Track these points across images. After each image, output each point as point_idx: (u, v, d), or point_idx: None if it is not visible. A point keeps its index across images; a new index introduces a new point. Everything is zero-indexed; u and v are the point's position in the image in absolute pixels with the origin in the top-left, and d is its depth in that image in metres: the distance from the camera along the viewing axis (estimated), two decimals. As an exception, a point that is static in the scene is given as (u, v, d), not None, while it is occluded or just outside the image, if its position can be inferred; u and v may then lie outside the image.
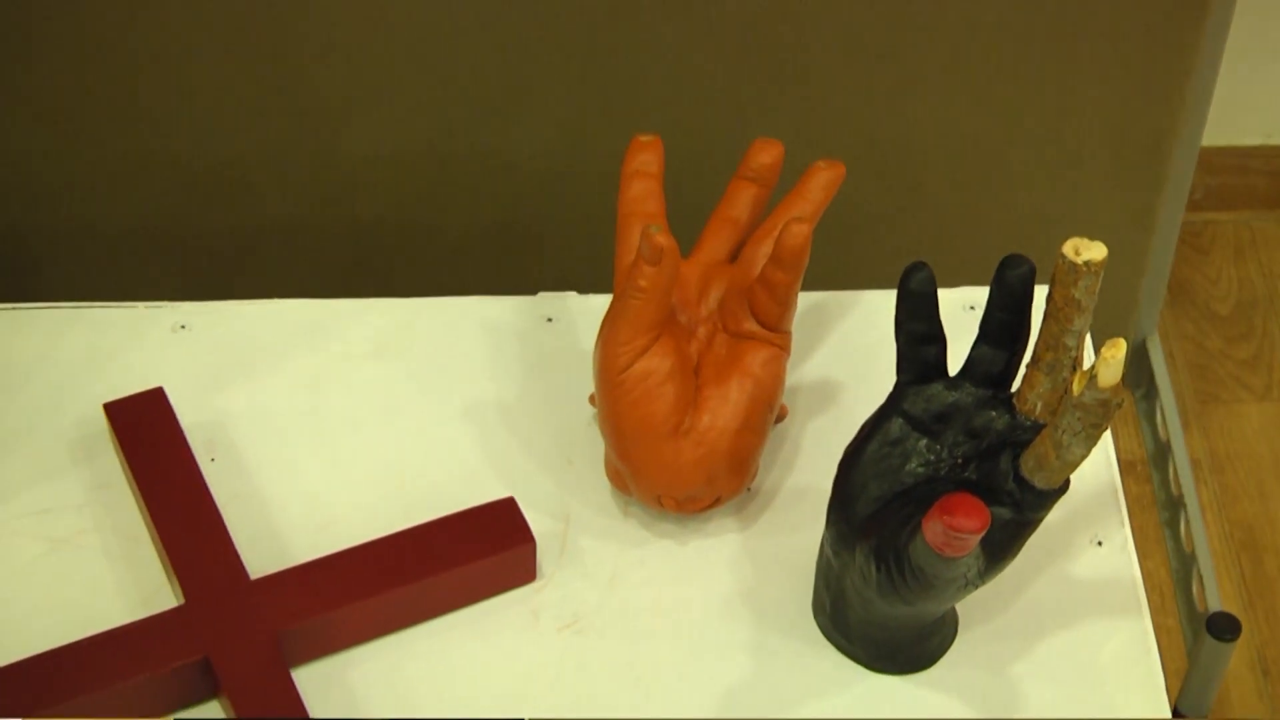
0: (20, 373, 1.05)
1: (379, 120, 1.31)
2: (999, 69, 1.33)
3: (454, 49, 1.28)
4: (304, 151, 1.32)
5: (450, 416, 1.05)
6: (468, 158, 1.33)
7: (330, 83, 1.29)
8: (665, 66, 1.29)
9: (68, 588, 0.97)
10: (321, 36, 1.26)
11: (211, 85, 1.28)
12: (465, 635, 0.96)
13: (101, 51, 1.26)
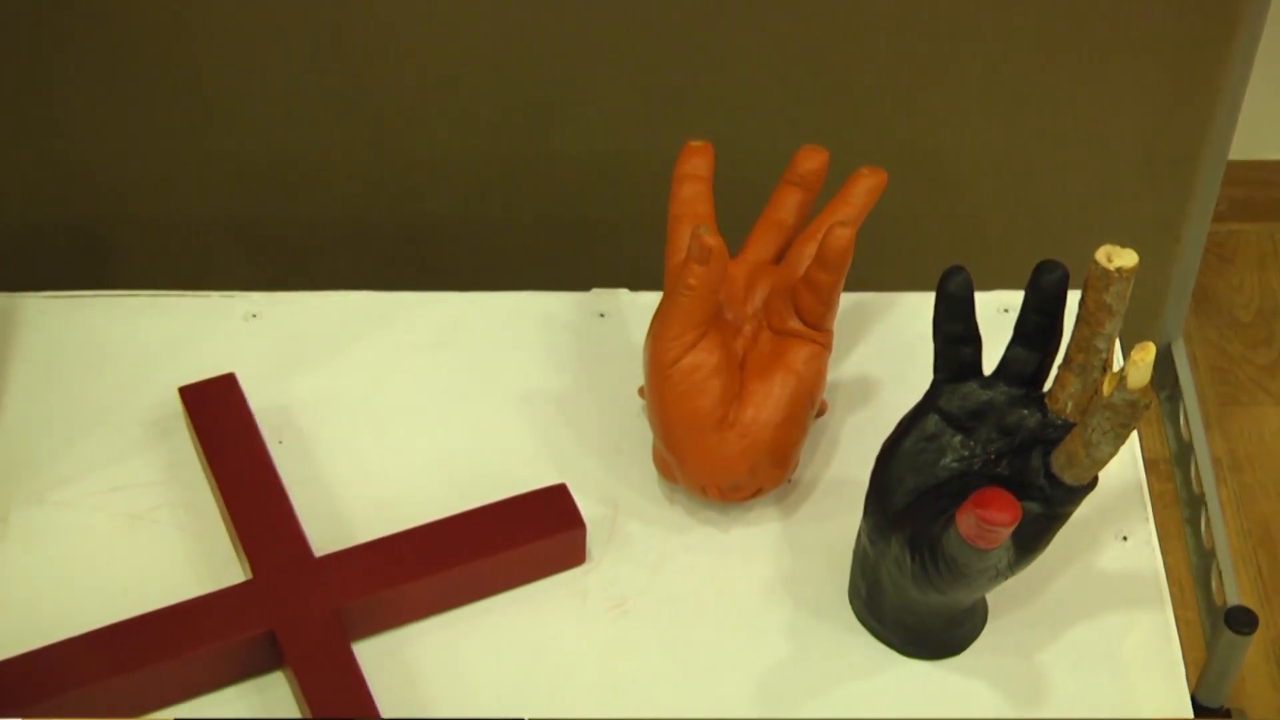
0: (101, 357, 1.06)
1: (441, 121, 1.31)
2: (1035, 84, 1.32)
3: (514, 55, 1.28)
4: (369, 150, 1.33)
5: (506, 405, 1.05)
6: (526, 159, 1.34)
7: (396, 85, 1.29)
8: (717, 76, 1.29)
9: (142, 561, 0.97)
10: (387, 42, 1.27)
11: (282, 87, 1.29)
12: (517, 614, 0.96)
13: (180, 55, 1.26)
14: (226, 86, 1.28)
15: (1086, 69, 1.32)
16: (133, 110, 1.29)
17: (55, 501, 0.99)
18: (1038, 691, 0.93)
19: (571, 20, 1.26)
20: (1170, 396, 1.66)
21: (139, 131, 1.30)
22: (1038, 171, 1.38)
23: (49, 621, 0.94)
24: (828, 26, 1.28)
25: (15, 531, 0.98)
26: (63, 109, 1.29)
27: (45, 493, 1.00)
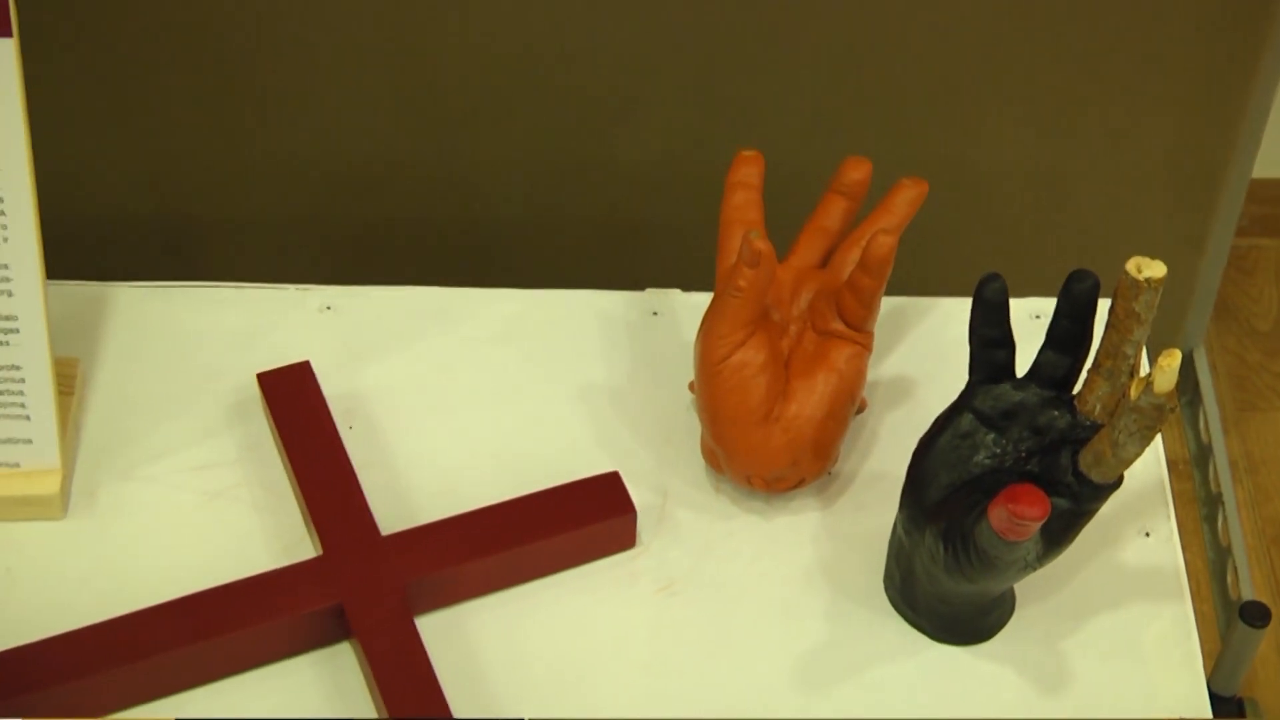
0: (186, 344, 1.06)
1: (506, 127, 1.31)
2: (1069, 103, 1.32)
3: (575, 66, 1.28)
4: (439, 154, 1.33)
5: (563, 397, 1.05)
6: (586, 164, 1.34)
7: (464, 93, 1.29)
8: (769, 90, 1.29)
9: (220, 535, 0.97)
10: (456, 53, 1.27)
11: (358, 92, 1.29)
12: (571, 593, 0.96)
13: (264, 63, 1.27)
14: (307, 92, 1.29)
15: (1118, 90, 1.31)
16: (219, 114, 1.30)
17: (141, 478, 1.00)
18: (1061, 678, 0.93)
19: (631, 35, 1.26)
20: (1190, 401, 1.65)
21: (225, 134, 1.31)
22: (1070, 186, 1.37)
23: (134, 590, 0.94)
24: (874, 46, 1.27)
25: (103, 505, 0.98)
26: (155, 114, 1.30)
27: (132, 469, 1.00)
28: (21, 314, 0.94)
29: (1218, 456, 1.61)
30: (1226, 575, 1.53)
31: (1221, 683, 1.47)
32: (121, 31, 1.25)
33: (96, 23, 1.24)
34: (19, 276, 0.93)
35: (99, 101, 1.29)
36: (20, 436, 0.97)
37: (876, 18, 1.26)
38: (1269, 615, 1.42)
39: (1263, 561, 1.72)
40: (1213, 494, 1.61)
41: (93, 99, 1.28)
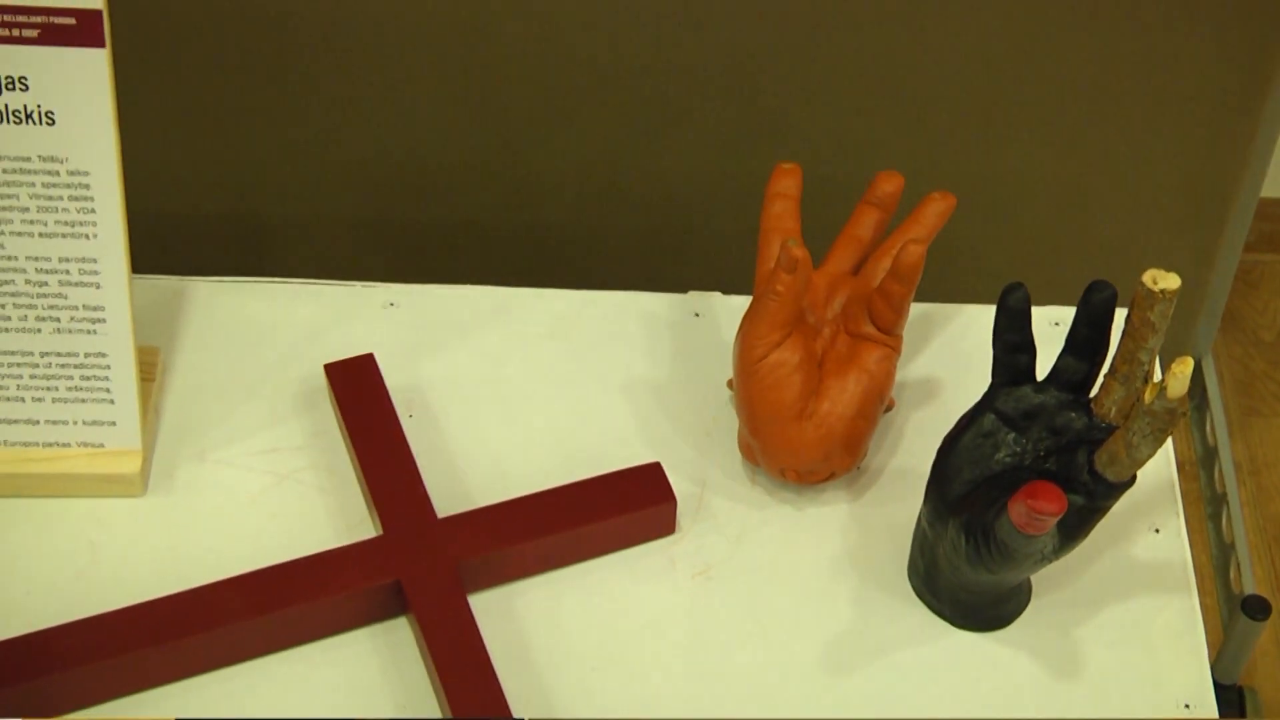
0: (258, 335, 1.06)
1: (562, 137, 1.31)
2: (1089, 124, 1.31)
3: (627, 84, 1.28)
4: (498, 161, 1.33)
5: (610, 392, 1.04)
6: (634, 174, 1.34)
7: (524, 106, 1.29)
8: (807, 107, 1.29)
9: (287, 515, 0.98)
10: (517, 68, 1.27)
11: (424, 103, 1.29)
12: (613, 576, 0.96)
13: (336, 72, 1.27)
14: (375, 101, 1.29)
15: (1135, 113, 1.31)
16: (293, 122, 1.30)
17: (214, 460, 1.00)
18: (1074, 664, 0.93)
19: (678, 56, 1.26)
20: (1198, 406, 1.64)
21: (298, 141, 1.31)
22: (1088, 202, 1.37)
23: (207, 564, 0.95)
24: (906, 68, 1.27)
25: (180, 485, 0.99)
26: (233, 121, 1.30)
27: (206, 452, 1.00)
28: (108, 305, 0.94)
29: (1223, 458, 1.60)
30: (1229, 570, 1.52)
31: (1223, 672, 1.47)
32: (202, 44, 1.25)
33: (180, 37, 1.24)
34: (106, 270, 0.93)
35: (183, 109, 1.29)
36: (105, 419, 0.97)
37: (909, 42, 1.26)
38: (1269, 609, 1.42)
39: (1264, 558, 1.72)
40: (1217, 493, 1.60)
41: (177, 107, 1.29)
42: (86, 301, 0.94)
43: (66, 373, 0.96)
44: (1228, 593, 1.52)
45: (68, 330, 0.95)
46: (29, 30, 0.87)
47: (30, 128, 0.90)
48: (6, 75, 0.88)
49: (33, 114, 0.89)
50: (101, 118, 0.90)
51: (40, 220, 0.92)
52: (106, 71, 0.89)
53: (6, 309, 0.94)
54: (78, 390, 0.96)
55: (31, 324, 0.94)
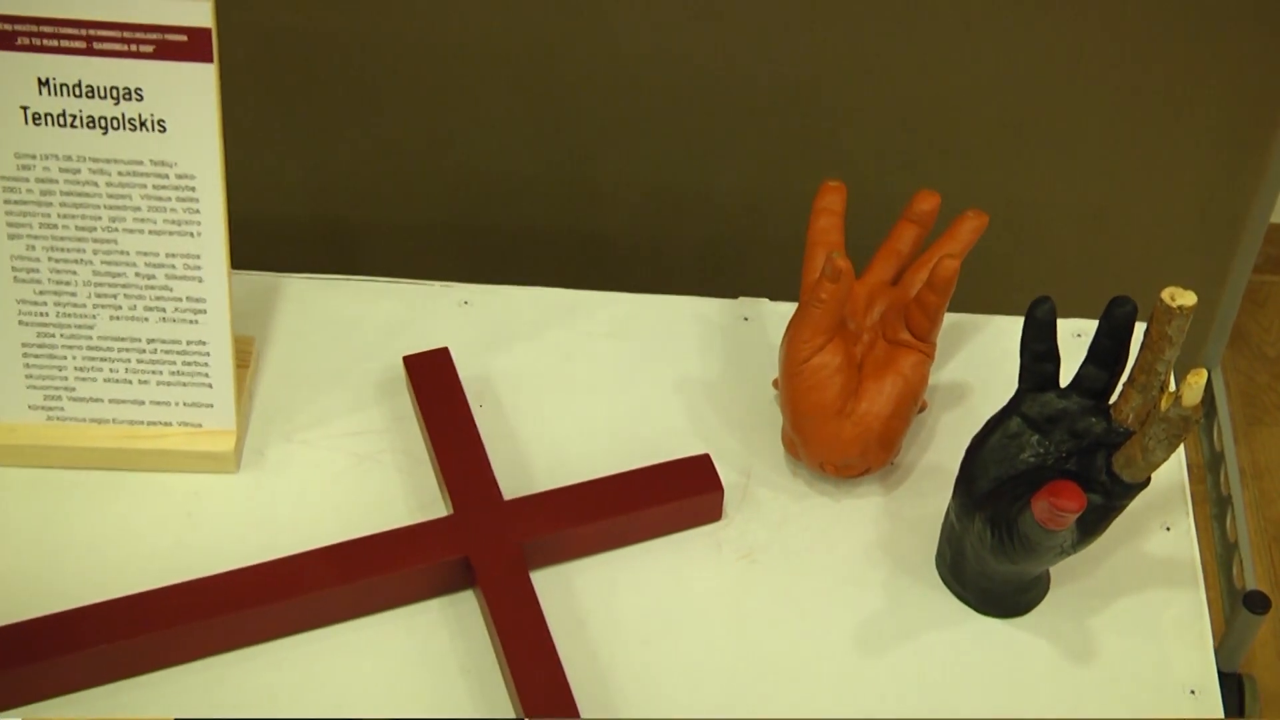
0: (344, 328, 1.06)
1: (625, 154, 1.31)
2: (1112, 153, 1.31)
3: (685, 104, 1.27)
4: (567, 172, 1.33)
5: (664, 388, 1.04)
6: (691, 188, 1.33)
7: (591, 122, 1.29)
8: (851, 129, 1.28)
9: (366, 493, 0.98)
10: (587, 88, 1.27)
11: (498, 118, 1.29)
12: (663, 557, 0.95)
13: (417, 88, 1.27)
14: (455, 114, 1.29)
15: (1155, 144, 1.30)
16: (379, 133, 1.30)
17: (301, 441, 1.00)
18: (1088, 650, 0.92)
19: (734, 81, 1.26)
20: (1206, 414, 1.63)
21: (383, 150, 1.32)
22: (1110, 224, 1.36)
23: (292, 536, 0.95)
24: (944, 97, 1.27)
25: (269, 463, 0.99)
26: (325, 133, 1.31)
27: (294, 434, 1.00)
28: (209, 298, 0.95)
29: (1228, 463, 1.59)
30: (1233, 567, 1.51)
31: (1224, 661, 1.46)
32: (301, 63, 1.26)
33: (281, 55, 1.25)
34: (208, 266, 0.94)
35: (281, 120, 1.30)
36: (203, 401, 0.97)
37: (947, 73, 1.25)
38: (1269, 604, 1.41)
39: (1264, 557, 1.71)
40: (1223, 496, 1.59)
41: (276, 118, 1.29)
42: (190, 294, 0.94)
43: (170, 358, 0.96)
44: (1230, 588, 1.51)
45: (172, 320, 0.95)
46: (145, 46, 0.88)
47: (144, 134, 0.90)
48: (124, 86, 0.89)
49: (146, 122, 0.90)
50: (208, 126, 0.90)
51: (150, 219, 0.92)
52: (213, 84, 0.89)
53: (118, 299, 0.94)
54: (180, 374, 0.97)
55: (140, 313, 0.95)
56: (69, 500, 0.96)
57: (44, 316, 0.95)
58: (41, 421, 0.97)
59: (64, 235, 0.92)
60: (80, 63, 0.88)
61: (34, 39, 0.87)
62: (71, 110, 0.89)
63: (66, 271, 0.93)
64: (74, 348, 0.95)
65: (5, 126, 0.89)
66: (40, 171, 0.91)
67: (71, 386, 0.96)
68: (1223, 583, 1.53)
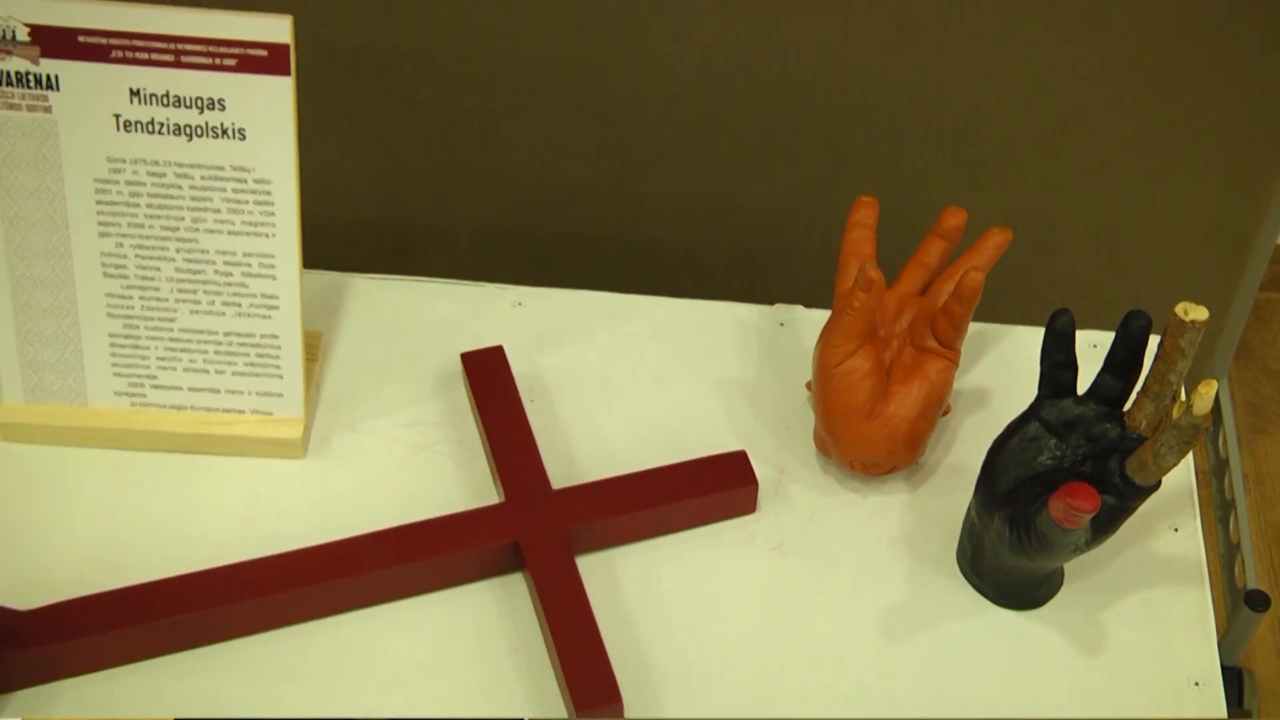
0: (405, 325, 1.07)
1: (671, 167, 1.31)
2: (1128, 174, 1.30)
3: (729, 120, 1.27)
4: (615, 184, 1.33)
5: (704, 388, 1.04)
6: (732, 200, 1.33)
7: (637, 138, 1.29)
8: (884, 148, 1.28)
9: (424, 480, 0.98)
10: (633, 105, 1.27)
11: (552, 131, 1.30)
12: (700, 546, 0.95)
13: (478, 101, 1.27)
14: (512, 128, 1.29)
15: (1169, 166, 1.29)
16: (442, 143, 1.31)
17: (364, 430, 1.00)
18: (1098, 643, 0.91)
19: (774, 101, 1.25)
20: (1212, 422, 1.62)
21: (444, 160, 1.32)
22: (1126, 242, 1.35)
23: (354, 518, 0.95)
24: (972, 121, 1.26)
25: (334, 450, 0.99)
26: (392, 140, 1.31)
27: (357, 423, 1.01)
28: (281, 295, 0.95)
29: (1232, 469, 1.58)
30: (1234, 567, 1.50)
31: (1225, 656, 1.44)
32: (369, 77, 1.26)
33: (351, 70, 1.25)
34: (281, 265, 0.94)
35: (351, 130, 1.30)
36: (274, 391, 0.98)
37: (975, 99, 1.25)
38: (1269, 602, 1.40)
39: (1265, 558, 1.70)
40: (1226, 500, 1.58)
41: (347, 128, 1.30)
42: (264, 291, 0.95)
43: (244, 350, 0.97)
44: (1232, 586, 1.49)
45: (247, 314, 0.96)
46: (228, 60, 0.88)
47: (225, 142, 0.91)
48: (208, 97, 0.89)
49: (228, 130, 0.90)
50: (284, 135, 0.91)
51: (229, 220, 0.93)
52: (290, 96, 0.90)
53: (197, 294, 0.95)
54: (253, 366, 0.97)
55: (217, 308, 0.95)
56: (148, 480, 0.97)
57: (130, 309, 0.95)
58: (125, 407, 0.98)
59: (150, 234, 0.93)
60: (168, 75, 0.89)
61: (127, 52, 0.88)
62: (159, 118, 0.90)
63: (151, 268, 0.94)
64: (156, 339, 0.96)
65: (99, 133, 0.90)
66: (130, 175, 0.91)
67: (153, 375, 0.97)
68: (1225, 581, 1.52)
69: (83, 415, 0.98)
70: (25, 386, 0.97)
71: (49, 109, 0.90)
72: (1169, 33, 1.20)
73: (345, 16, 1.22)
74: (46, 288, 0.94)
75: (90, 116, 0.90)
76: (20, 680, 0.87)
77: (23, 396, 0.98)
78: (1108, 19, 1.19)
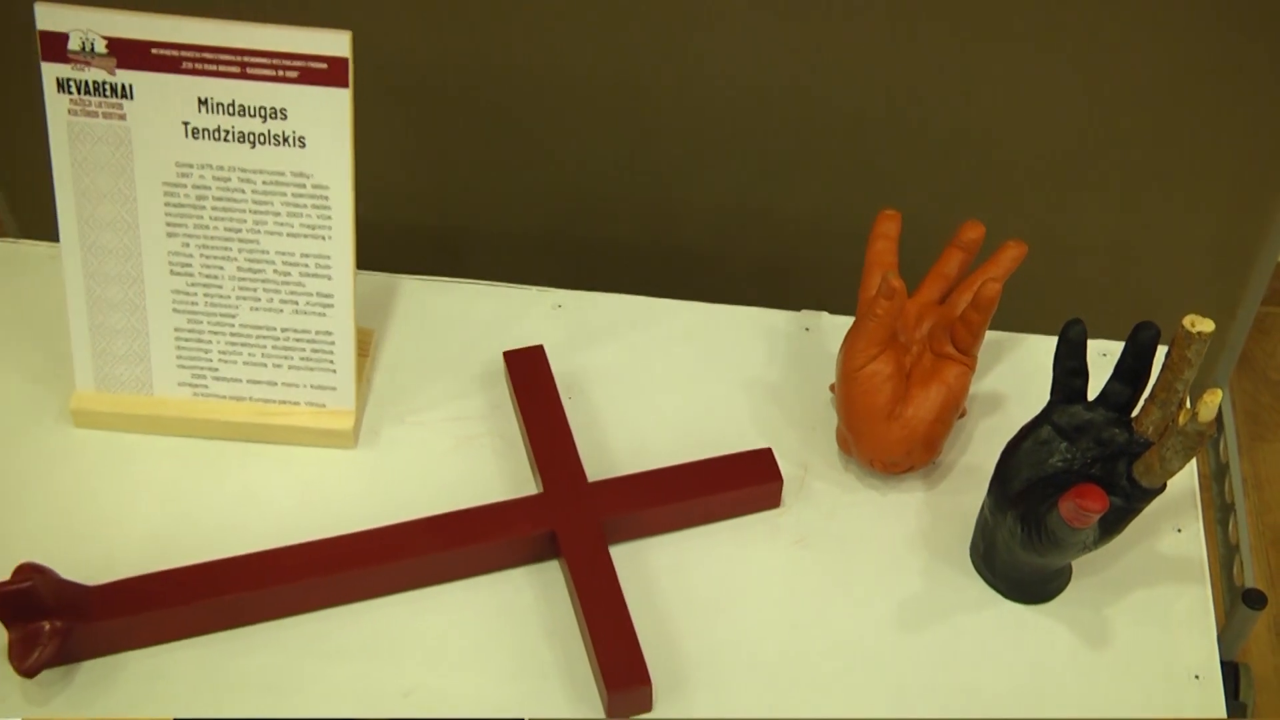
0: (451, 324, 1.07)
1: (702, 178, 1.31)
2: (1137, 193, 1.29)
3: (759, 135, 1.27)
4: (650, 194, 1.33)
5: (733, 388, 1.04)
6: (762, 211, 1.33)
7: (670, 150, 1.29)
8: (907, 164, 1.28)
9: (467, 471, 0.98)
10: (667, 119, 1.27)
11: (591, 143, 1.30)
12: (727, 539, 0.96)
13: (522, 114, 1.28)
14: (554, 140, 1.30)
15: (1176, 185, 1.29)
16: (488, 153, 1.31)
17: (412, 422, 1.01)
18: (1104, 636, 0.91)
19: (803, 118, 1.25)
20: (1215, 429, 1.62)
21: (491, 169, 1.32)
22: (1135, 257, 1.35)
23: (400, 505, 0.96)
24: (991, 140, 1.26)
25: (383, 441, 1.00)
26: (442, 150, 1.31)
27: (406, 416, 1.01)
28: (336, 294, 0.95)
29: (1232, 474, 1.57)
30: (1233, 567, 1.49)
31: (1223, 651, 1.43)
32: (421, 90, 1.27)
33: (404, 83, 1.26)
34: (336, 265, 0.95)
35: (403, 140, 1.30)
36: (328, 385, 0.98)
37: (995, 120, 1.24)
38: (1265, 600, 1.39)
39: (1262, 558, 1.69)
40: (1226, 502, 1.57)
41: (399, 137, 1.30)
42: (319, 290, 0.95)
43: (300, 346, 0.97)
44: (1230, 585, 1.48)
45: (304, 312, 0.96)
46: (290, 72, 0.89)
47: (286, 149, 0.91)
48: (271, 107, 0.90)
49: (289, 138, 0.91)
50: (342, 143, 0.91)
51: (289, 223, 0.93)
52: (348, 107, 0.90)
53: (257, 292, 0.95)
54: (308, 360, 0.97)
55: (276, 306, 0.96)
56: (208, 467, 0.98)
57: (194, 306, 0.96)
58: (188, 397, 0.98)
59: (214, 235, 0.94)
60: (234, 85, 0.89)
61: (196, 64, 0.89)
62: (225, 126, 0.90)
63: (215, 267, 0.94)
64: (218, 334, 0.97)
65: (169, 139, 0.91)
66: (196, 179, 0.92)
67: (215, 367, 0.98)
68: (1224, 580, 1.51)
69: (149, 404, 0.98)
70: (96, 376, 0.98)
71: (123, 116, 0.90)
72: (1177, 64, 1.19)
73: (401, 34, 1.22)
74: (117, 284, 0.95)
75: (161, 124, 0.90)
76: (88, 650, 0.88)
77: (94, 385, 0.98)
78: (1119, 48, 1.19)
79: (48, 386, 1.01)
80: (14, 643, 0.85)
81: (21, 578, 0.84)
